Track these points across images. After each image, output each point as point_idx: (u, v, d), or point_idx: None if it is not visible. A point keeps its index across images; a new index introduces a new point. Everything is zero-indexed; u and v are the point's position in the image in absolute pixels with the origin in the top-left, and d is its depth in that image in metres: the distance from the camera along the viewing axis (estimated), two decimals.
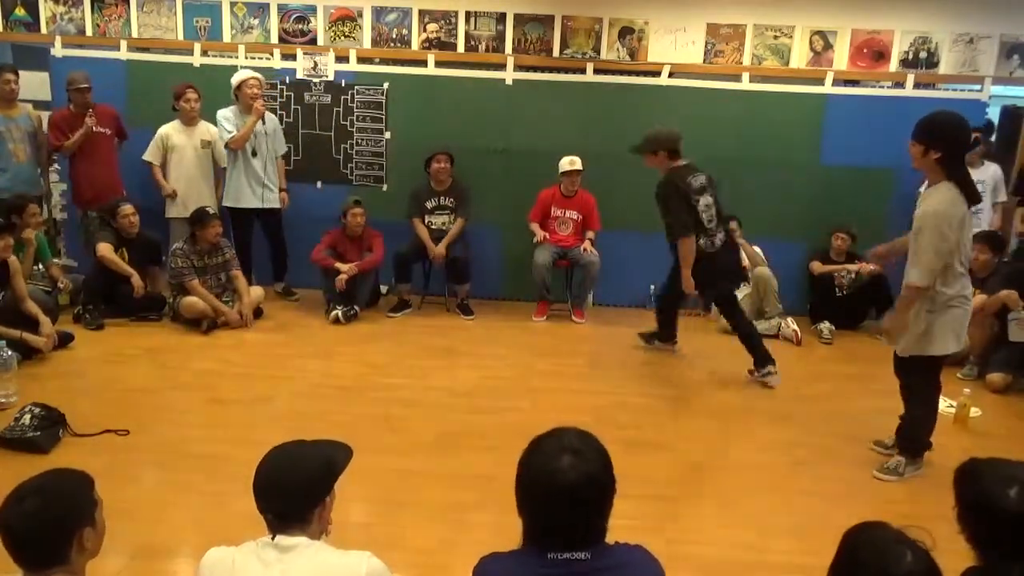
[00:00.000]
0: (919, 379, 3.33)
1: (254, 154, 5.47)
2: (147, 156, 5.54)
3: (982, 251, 4.80)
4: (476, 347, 4.95)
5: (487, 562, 1.53)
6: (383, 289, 5.89)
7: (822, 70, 5.73)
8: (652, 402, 4.09)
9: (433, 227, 5.62)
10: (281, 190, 5.69)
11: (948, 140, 3.03)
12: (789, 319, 5.40)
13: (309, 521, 1.66)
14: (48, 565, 1.52)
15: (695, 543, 2.71)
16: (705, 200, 4.34)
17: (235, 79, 5.43)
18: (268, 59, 5.90)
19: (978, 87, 5.69)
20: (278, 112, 5.82)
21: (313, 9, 5.83)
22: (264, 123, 5.48)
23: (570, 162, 5.55)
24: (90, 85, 5.30)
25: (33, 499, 1.52)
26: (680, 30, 5.74)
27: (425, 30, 5.82)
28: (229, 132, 5.38)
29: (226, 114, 5.42)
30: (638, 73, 5.83)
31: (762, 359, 4.40)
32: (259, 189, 5.54)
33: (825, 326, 5.42)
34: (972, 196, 3.08)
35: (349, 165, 6.01)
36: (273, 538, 1.59)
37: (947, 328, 3.18)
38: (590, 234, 5.67)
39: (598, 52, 5.80)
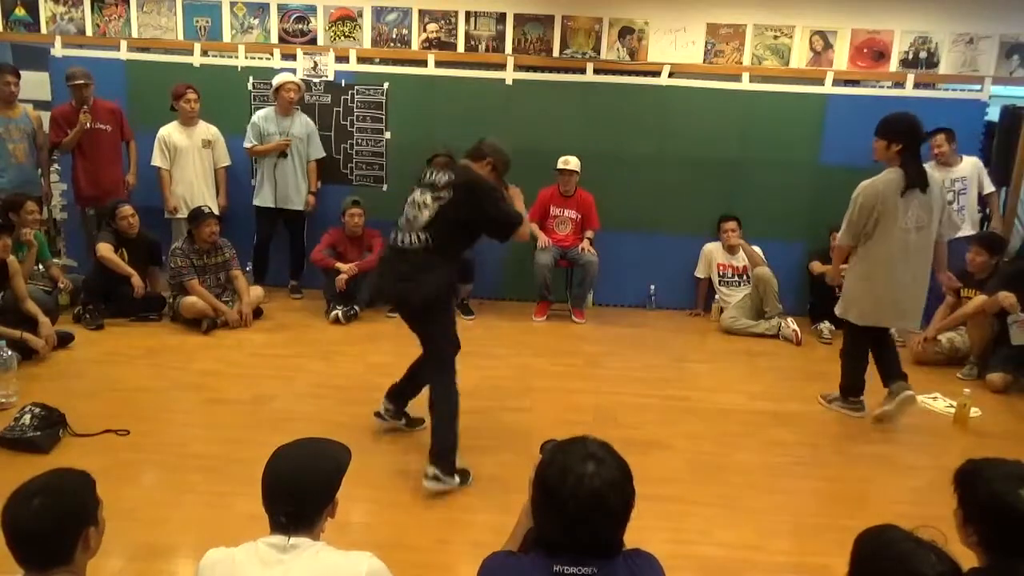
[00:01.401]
0: (849, 340, 3.99)
1: (283, 155, 5.50)
2: (155, 162, 5.53)
3: (978, 252, 4.80)
4: (476, 347, 4.93)
5: (494, 561, 1.53)
6: None
7: (822, 70, 5.73)
8: (652, 402, 4.09)
9: None
10: (310, 193, 5.73)
11: (908, 134, 3.61)
12: (789, 319, 5.40)
13: (317, 522, 1.66)
14: (52, 564, 1.53)
15: (695, 543, 2.71)
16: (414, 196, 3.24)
17: (275, 81, 5.51)
18: (268, 59, 5.90)
19: (978, 87, 5.70)
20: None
21: (313, 9, 5.83)
22: (294, 125, 5.55)
23: (563, 161, 5.56)
24: (89, 81, 5.29)
25: (40, 498, 1.53)
26: (680, 30, 5.75)
27: (425, 30, 5.82)
28: (251, 142, 5.51)
29: (255, 119, 5.54)
30: (638, 73, 5.83)
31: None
32: (281, 190, 5.58)
33: (825, 326, 5.42)
34: (912, 181, 3.63)
35: (349, 165, 6.01)
36: (289, 539, 1.59)
37: (865, 300, 3.77)
38: (589, 234, 5.68)
39: (598, 52, 5.80)
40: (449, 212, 3.08)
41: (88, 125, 5.30)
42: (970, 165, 5.39)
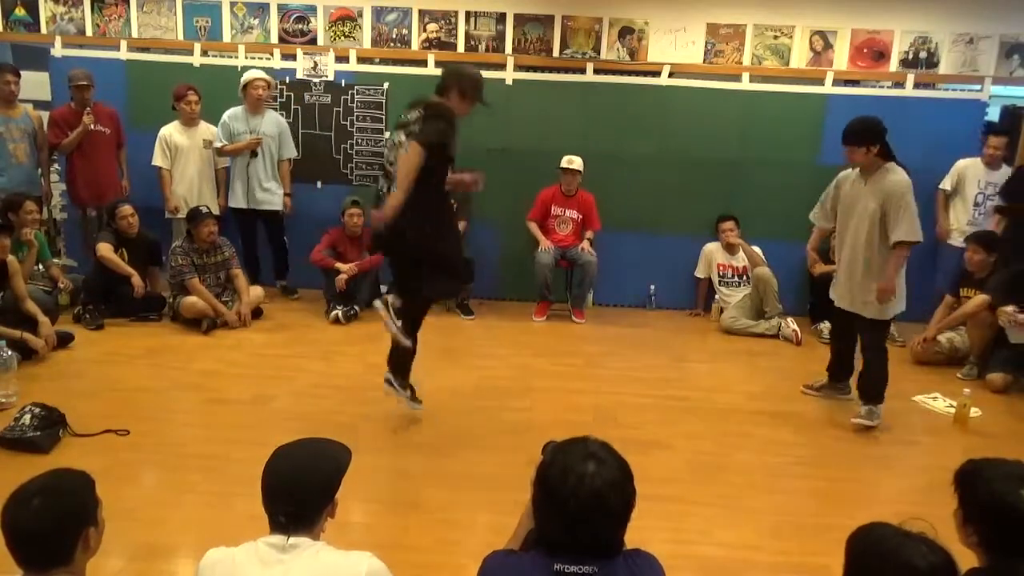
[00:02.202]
0: (881, 337, 3.88)
1: (254, 155, 5.50)
2: (156, 161, 5.53)
3: (976, 251, 4.81)
4: (476, 347, 4.95)
5: (495, 560, 1.53)
6: (383, 289, 5.88)
7: (822, 70, 5.73)
8: (652, 402, 4.09)
9: None
10: (285, 194, 5.70)
11: (880, 134, 3.64)
12: (789, 319, 5.40)
13: (317, 522, 1.66)
14: (52, 565, 1.53)
15: (695, 543, 2.71)
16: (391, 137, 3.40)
17: (243, 79, 5.49)
18: (268, 59, 5.90)
19: (978, 87, 5.70)
20: (278, 112, 5.82)
21: (313, 9, 5.83)
22: (263, 124, 5.52)
23: (567, 160, 5.56)
24: (90, 83, 5.31)
25: (40, 499, 1.52)
26: (680, 30, 5.74)
27: (425, 30, 5.82)
28: (221, 141, 5.52)
29: (224, 118, 5.52)
30: (638, 73, 5.83)
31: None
32: (253, 190, 5.57)
33: (825, 326, 5.40)
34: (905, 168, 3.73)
35: (349, 165, 6.01)
36: (288, 539, 1.59)
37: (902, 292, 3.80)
38: (589, 234, 5.68)
39: (598, 52, 5.80)
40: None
41: (91, 127, 5.32)
42: (1006, 175, 5.38)
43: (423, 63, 5.84)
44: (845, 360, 4.18)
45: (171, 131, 5.54)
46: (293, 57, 5.85)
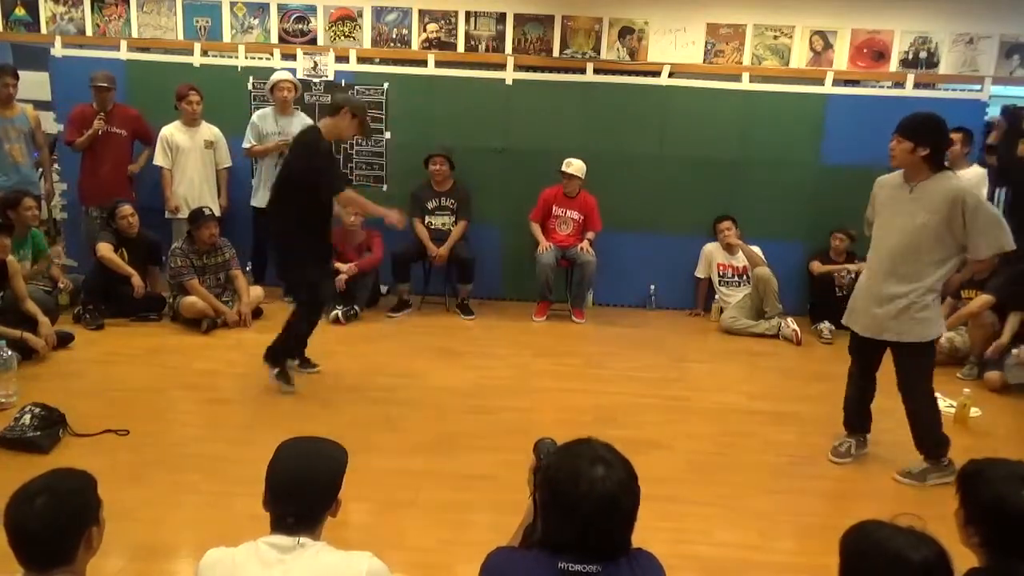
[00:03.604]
0: (924, 374, 3.34)
1: (283, 156, 5.50)
2: (157, 161, 5.54)
3: None
4: (476, 347, 4.95)
5: (499, 557, 1.53)
6: (383, 289, 5.89)
7: (822, 70, 5.73)
8: (652, 402, 4.09)
9: (433, 227, 5.63)
10: None
11: (936, 139, 3.12)
12: (789, 319, 5.40)
13: (320, 521, 1.67)
14: (54, 564, 1.52)
15: (695, 543, 2.71)
16: None
17: (270, 81, 5.50)
18: (268, 59, 5.90)
19: (978, 87, 5.70)
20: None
21: (313, 9, 5.83)
22: (292, 125, 5.51)
23: (566, 163, 5.55)
24: (110, 86, 5.36)
25: (43, 498, 1.52)
26: (680, 30, 5.75)
27: (425, 30, 5.82)
28: (251, 143, 5.52)
29: (254, 119, 5.53)
30: (638, 73, 5.83)
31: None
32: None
33: (825, 326, 5.42)
34: None
35: (349, 165, 6.01)
36: (299, 540, 1.59)
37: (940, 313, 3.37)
38: (590, 234, 5.68)
39: (598, 52, 5.80)
40: (283, 170, 3.61)
41: (101, 131, 5.35)
42: (973, 175, 5.33)
43: (423, 63, 5.84)
44: (864, 405, 3.52)
45: (172, 131, 5.54)
46: (293, 57, 5.85)
